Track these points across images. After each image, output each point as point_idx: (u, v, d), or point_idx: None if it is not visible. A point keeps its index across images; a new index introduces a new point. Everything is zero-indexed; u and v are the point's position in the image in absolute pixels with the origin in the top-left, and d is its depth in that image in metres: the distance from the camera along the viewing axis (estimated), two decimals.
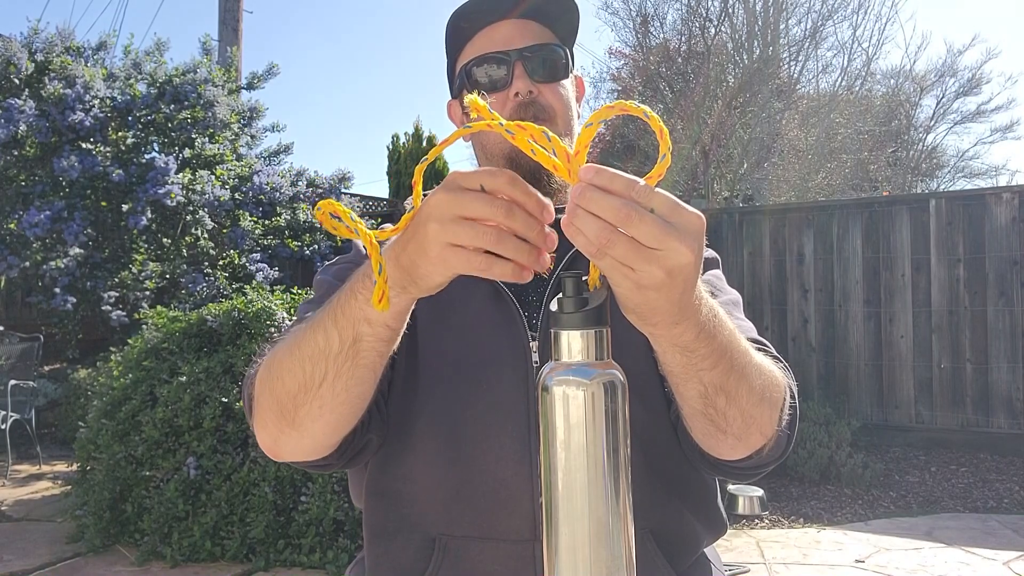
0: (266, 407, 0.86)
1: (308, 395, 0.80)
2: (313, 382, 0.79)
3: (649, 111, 0.64)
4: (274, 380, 0.84)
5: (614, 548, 0.62)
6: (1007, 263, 5.62)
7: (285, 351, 0.83)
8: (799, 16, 11.41)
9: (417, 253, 0.67)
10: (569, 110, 1.07)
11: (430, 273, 0.68)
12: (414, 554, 0.98)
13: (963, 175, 16.11)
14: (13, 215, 6.62)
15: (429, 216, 0.66)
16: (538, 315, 1.01)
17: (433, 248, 0.65)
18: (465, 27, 1.08)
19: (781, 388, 0.85)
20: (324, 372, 0.79)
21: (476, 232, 0.64)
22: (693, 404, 0.80)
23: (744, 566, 1.41)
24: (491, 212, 0.63)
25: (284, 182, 7.43)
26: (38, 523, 4.37)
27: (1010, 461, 5.35)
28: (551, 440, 0.63)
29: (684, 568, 1.02)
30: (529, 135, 0.66)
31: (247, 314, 4.02)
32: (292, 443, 0.87)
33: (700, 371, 0.75)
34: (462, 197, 0.64)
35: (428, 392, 0.98)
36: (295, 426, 0.84)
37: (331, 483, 3.51)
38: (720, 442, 0.85)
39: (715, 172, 10.29)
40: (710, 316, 0.72)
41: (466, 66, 1.08)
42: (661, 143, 0.64)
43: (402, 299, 0.73)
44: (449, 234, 0.64)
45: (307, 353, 0.79)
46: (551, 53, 1.06)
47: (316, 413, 0.82)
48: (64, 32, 7.13)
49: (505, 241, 0.64)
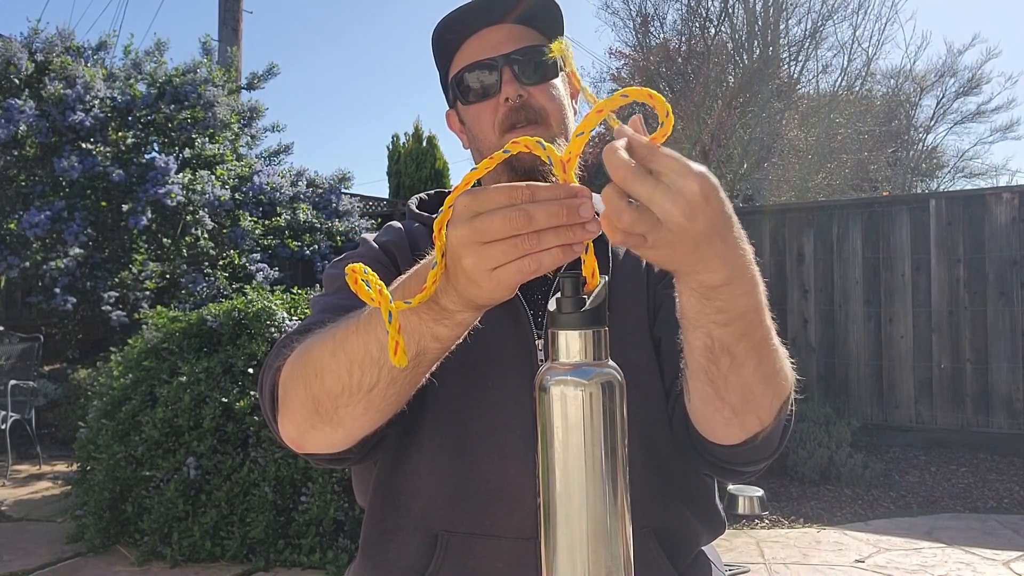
0: (298, 403, 0.85)
1: (354, 398, 0.80)
2: (362, 387, 0.79)
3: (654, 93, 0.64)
4: (311, 378, 0.82)
5: (613, 548, 0.63)
6: (1007, 263, 5.61)
7: (326, 352, 0.81)
8: (799, 16, 11.42)
9: (469, 286, 0.67)
10: (562, 109, 1.07)
11: (491, 296, 0.68)
12: (416, 551, 0.98)
13: (963, 175, 16.13)
14: (13, 215, 6.62)
15: (459, 255, 0.65)
16: (543, 314, 1.01)
17: (480, 277, 0.65)
18: (450, 38, 1.08)
19: (789, 381, 0.84)
20: (376, 379, 0.78)
21: (512, 247, 0.63)
22: (697, 358, 0.78)
23: (744, 566, 1.41)
24: (514, 226, 0.63)
25: (284, 182, 7.43)
26: (38, 523, 4.37)
27: (1010, 461, 5.35)
28: (549, 440, 0.63)
29: (684, 567, 1.02)
30: (524, 147, 0.66)
31: (247, 314, 4.02)
32: (324, 439, 0.87)
33: (711, 322, 0.73)
34: (483, 226, 0.64)
35: (434, 389, 0.99)
36: (333, 424, 0.83)
37: (331, 483, 3.51)
38: (717, 412, 0.83)
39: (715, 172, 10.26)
40: (743, 274, 0.71)
41: (456, 75, 1.08)
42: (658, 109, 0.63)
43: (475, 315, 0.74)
44: (488, 262, 0.64)
45: (355, 358, 0.78)
46: (538, 54, 1.06)
47: (360, 413, 0.82)
48: (64, 32, 7.13)
49: (543, 238, 0.63)
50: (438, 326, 0.73)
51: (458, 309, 0.71)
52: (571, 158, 0.66)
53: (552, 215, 0.63)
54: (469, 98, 1.07)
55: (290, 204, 7.44)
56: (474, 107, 1.07)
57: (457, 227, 0.65)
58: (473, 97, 1.07)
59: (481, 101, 1.06)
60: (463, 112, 1.10)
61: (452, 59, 1.10)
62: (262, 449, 3.63)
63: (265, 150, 8.37)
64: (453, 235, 0.65)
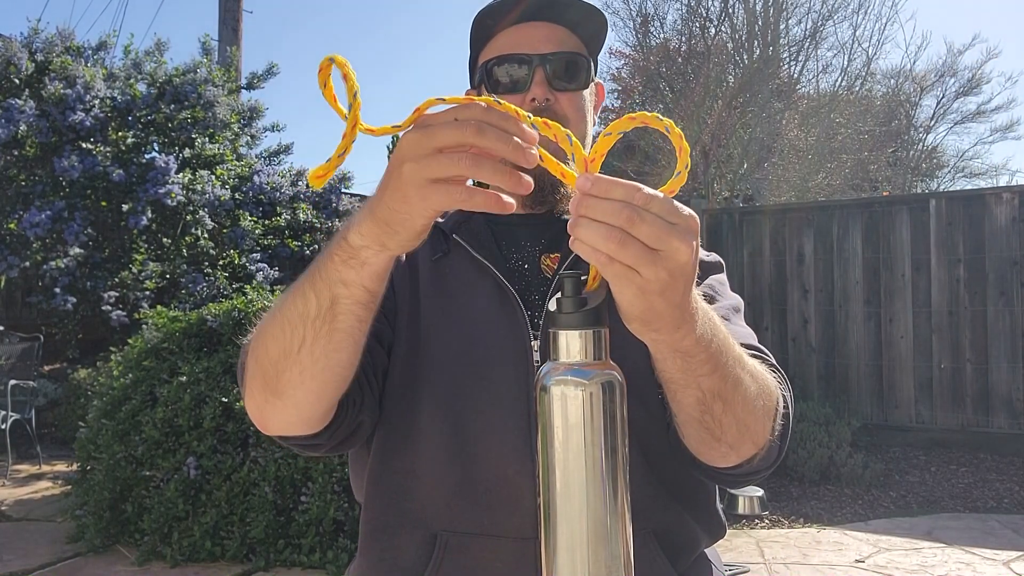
0: (252, 375, 0.86)
1: (288, 360, 0.80)
2: (292, 347, 0.79)
3: (671, 124, 0.64)
4: (258, 348, 0.84)
5: (612, 548, 0.62)
6: (1007, 263, 5.61)
7: (269, 318, 0.83)
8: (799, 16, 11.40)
9: (395, 199, 0.67)
10: (583, 121, 1.06)
11: (411, 216, 0.67)
12: (415, 551, 0.98)
13: (963, 175, 16.09)
14: (13, 215, 6.62)
15: (403, 157, 0.65)
16: (540, 315, 1.01)
17: (411, 188, 0.65)
18: (491, 24, 1.07)
19: (774, 397, 0.85)
20: (303, 336, 0.78)
21: (452, 160, 0.63)
22: (690, 411, 0.80)
23: (744, 566, 1.41)
24: (462, 136, 0.62)
25: (284, 182, 7.43)
26: (38, 523, 4.37)
27: (1010, 461, 5.35)
28: (549, 440, 0.63)
29: (684, 568, 1.02)
30: (553, 134, 0.66)
31: (247, 314, 4.02)
32: (277, 414, 0.87)
33: (699, 377, 0.75)
34: (433, 131, 0.63)
35: (431, 386, 0.99)
36: (278, 394, 0.84)
37: (331, 483, 3.51)
38: (713, 449, 0.84)
39: (715, 172, 10.28)
40: (706, 320, 0.72)
41: (487, 63, 1.06)
42: (680, 158, 0.63)
43: (380, 257, 0.73)
44: (425, 169, 0.64)
45: (287, 317, 0.79)
46: (574, 61, 1.05)
47: (297, 380, 0.82)
48: (64, 32, 7.13)
49: (482, 164, 0.63)
50: (345, 268, 0.73)
51: (365, 244, 0.71)
52: (596, 158, 0.66)
53: (501, 140, 0.62)
54: (496, 88, 1.06)
55: (290, 204, 7.44)
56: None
57: (412, 131, 0.65)
58: (500, 88, 1.05)
59: (507, 94, 1.04)
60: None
61: (487, 44, 1.08)
62: (262, 449, 3.63)
63: (265, 150, 8.38)
64: (405, 138, 0.65)
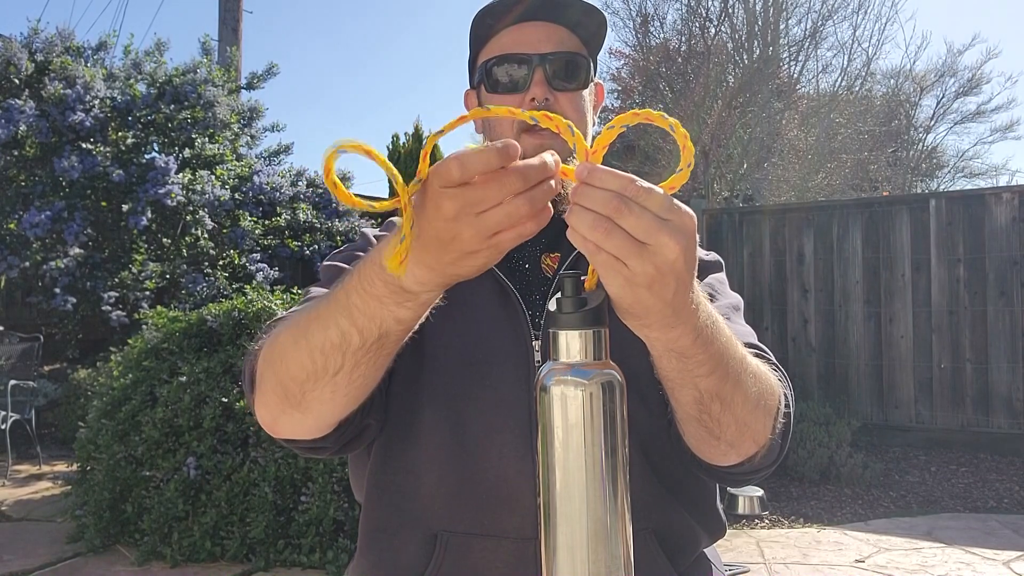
0: (269, 388, 0.86)
1: (319, 383, 0.80)
2: (327, 372, 0.79)
3: (676, 124, 0.64)
4: (277, 364, 0.83)
5: (612, 548, 0.62)
6: (1007, 263, 5.61)
7: (290, 340, 0.82)
8: (799, 16, 11.41)
9: (462, 258, 0.65)
10: (583, 121, 1.06)
11: (479, 264, 0.67)
12: (416, 551, 0.98)
13: (963, 175, 16.09)
14: (13, 215, 6.61)
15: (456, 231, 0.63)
16: (541, 314, 1.01)
17: (479, 245, 0.64)
18: (491, 23, 1.06)
19: (776, 396, 0.86)
20: (341, 364, 0.78)
21: (512, 209, 0.62)
22: (688, 410, 0.80)
23: (744, 566, 1.41)
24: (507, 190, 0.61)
25: (284, 182, 7.43)
26: (38, 523, 4.37)
27: (1010, 461, 5.34)
28: (549, 440, 0.63)
29: (684, 568, 1.02)
30: (555, 126, 0.66)
31: (247, 314, 4.02)
32: (294, 423, 0.87)
33: (696, 377, 0.75)
34: (471, 196, 0.62)
35: (432, 386, 0.99)
36: (302, 408, 0.84)
37: (331, 483, 3.51)
38: (713, 448, 0.85)
39: (715, 172, 10.28)
40: (708, 322, 0.72)
41: (487, 63, 1.06)
42: (683, 156, 0.63)
43: (437, 295, 0.73)
44: (487, 227, 0.62)
45: (318, 345, 0.78)
46: (573, 61, 1.05)
47: (328, 397, 0.82)
48: (64, 32, 7.13)
49: (535, 198, 0.62)
50: (400, 309, 0.72)
51: (424, 290, 0.70)
52: (598, 149, 0.65)
53: (541, 172, 0.62)
54: (496, 88, 1.05)
55: (290, 204, 7.44)
56: (498, 97, 1.05)
57: (444, 201, 0.63)
58: (500, 88, 1.05)
59: (507, 94, 1.04)
60: (486, 99, 1.08)
61: (487, 43, 1.08)
62: (262, 449, 3.63)
63: (265, 150, 8.37)
64: (444, 209, 0.63)
